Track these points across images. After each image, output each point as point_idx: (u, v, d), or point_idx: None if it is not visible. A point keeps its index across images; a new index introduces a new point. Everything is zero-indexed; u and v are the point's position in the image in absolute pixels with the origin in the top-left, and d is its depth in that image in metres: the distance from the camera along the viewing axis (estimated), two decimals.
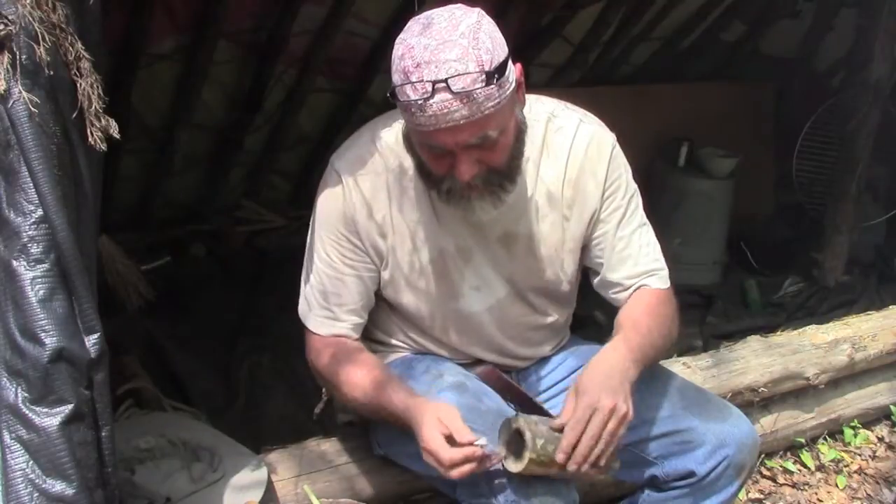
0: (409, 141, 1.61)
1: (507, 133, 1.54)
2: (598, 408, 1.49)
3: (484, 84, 1.42)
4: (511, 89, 1.50)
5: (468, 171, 1.52)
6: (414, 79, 1.42)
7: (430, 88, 1.41)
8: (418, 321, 1.82)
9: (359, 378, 1.69)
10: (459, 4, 1.51)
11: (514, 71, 1.52)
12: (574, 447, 1.49)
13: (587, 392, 1.52)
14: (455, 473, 1.50)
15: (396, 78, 1.46)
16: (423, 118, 1.45)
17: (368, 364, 1.72)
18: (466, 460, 1.49)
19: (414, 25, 1.47)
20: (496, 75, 1.44)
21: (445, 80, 1.40)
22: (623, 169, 1.76)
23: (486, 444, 1.51)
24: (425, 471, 1.76)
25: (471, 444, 1.49)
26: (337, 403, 1.97)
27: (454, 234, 1.71)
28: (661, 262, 1.80)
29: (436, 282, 1.76)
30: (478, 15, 1.48)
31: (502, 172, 1.58)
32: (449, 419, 1.52)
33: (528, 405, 1.74)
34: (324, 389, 1.97)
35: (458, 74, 1.41)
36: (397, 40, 1.48)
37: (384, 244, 1.72)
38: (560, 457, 1.49)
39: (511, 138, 1.56)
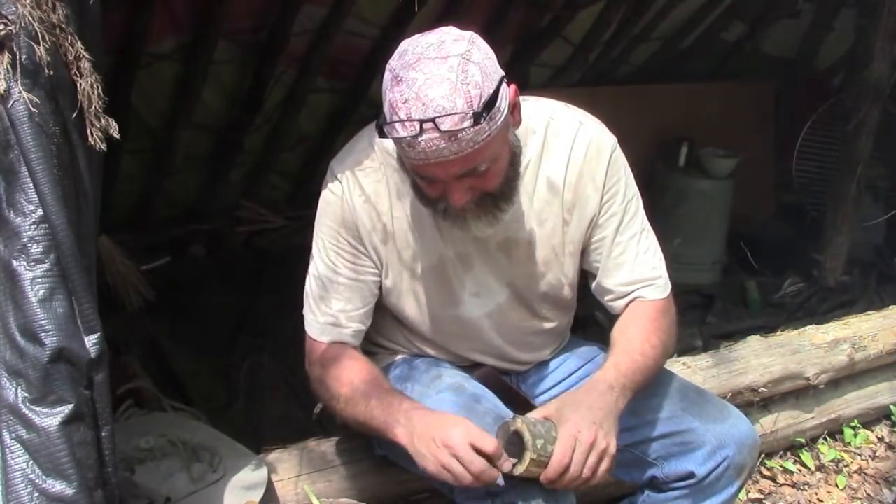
0: (403, 162, 1.58)
1: (500, 160, 1.52)
2: (579, 440, 1.48)
3: (472, 124, 1.39)
4: (503, 118, 1.45)
5: (461, 198, 1.51)
6: (402, 115, 1.39)
7: (418, 127, 1.38)
8: (418, 327, 1.82)
9: (353, 375, 1.67)
10: (451, 28, 1.46)
11: (506, 95, 1.47)
12: (561, 473, 1.48)
13: (569, 420, 1.51)
14: (471, 482, 1.47)
15: (386, 110, 1.43)
16: (413, 153, 1.43)
17: (366, 367, 1.71)
18: (489, 470, 1.47)
19: (403, 53, 1.44)
20: (485, 113, 1.39)
21: (433, 119, 1.37)
22: (623, 173, 1.73)
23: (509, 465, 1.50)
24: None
25: (497, 456, 1.47)
26: None
27: (454, 242, 1.70)
28: (659, 271, 1.77)
29: (436, 288, 1.75)
30: (468, 43, 1.42)
31: (496, 195, 1.56)
32: (475, 431, 1.49)
33: (527, 408, 1.74)
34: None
35: (447, 114, 1.37)
36: (387, 66, 1.45)
37: (385, 250, 1.71)
38: (544, 481, 1.49)
39: (504, 164, 1.54)
